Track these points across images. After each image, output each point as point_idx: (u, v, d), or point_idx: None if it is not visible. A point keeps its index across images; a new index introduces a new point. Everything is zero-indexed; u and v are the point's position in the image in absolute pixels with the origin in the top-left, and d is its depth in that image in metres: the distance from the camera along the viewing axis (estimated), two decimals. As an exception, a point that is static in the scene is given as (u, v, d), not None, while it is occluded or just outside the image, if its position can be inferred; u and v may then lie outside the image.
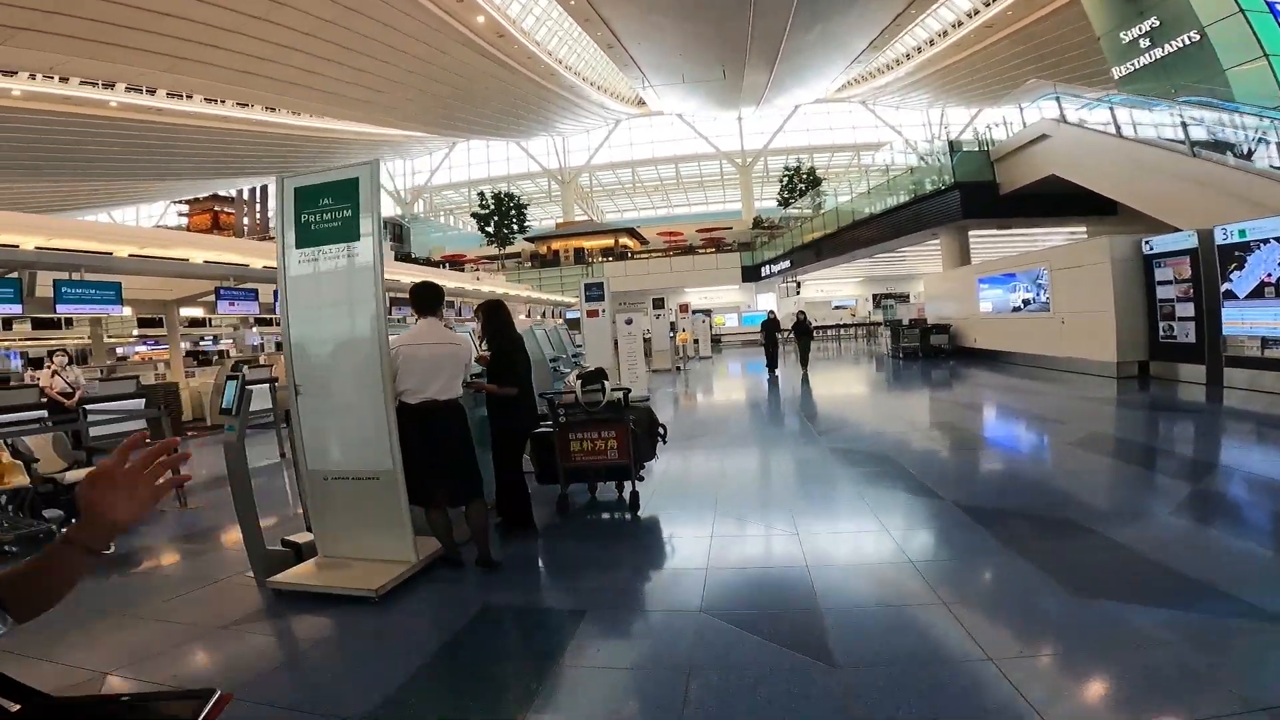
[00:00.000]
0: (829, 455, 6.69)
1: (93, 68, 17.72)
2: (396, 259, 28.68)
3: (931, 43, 34.38)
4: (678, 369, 18.29)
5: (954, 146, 19.10)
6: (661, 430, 5.34)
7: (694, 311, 30.07)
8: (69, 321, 13.89)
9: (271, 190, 51.48)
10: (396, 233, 55.24)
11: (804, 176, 41.69)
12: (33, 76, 21.92)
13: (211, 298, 11.65)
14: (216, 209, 50.89)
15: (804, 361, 16.18)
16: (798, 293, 30.80)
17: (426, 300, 4.07)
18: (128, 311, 10.64)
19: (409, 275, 17.87)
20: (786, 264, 31.09)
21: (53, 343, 24.60)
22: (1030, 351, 14.20)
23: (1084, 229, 19.50)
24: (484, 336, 4.58)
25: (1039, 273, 13.61)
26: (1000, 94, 20.87)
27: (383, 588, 3.56)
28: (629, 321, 11.79)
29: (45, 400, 8.12)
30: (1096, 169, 13.77)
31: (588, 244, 41.90)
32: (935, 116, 45.57)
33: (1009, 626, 2.85)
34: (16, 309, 8.44)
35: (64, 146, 26.69)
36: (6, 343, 25.39)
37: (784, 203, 40.93)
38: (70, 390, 8.53)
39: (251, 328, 26.39)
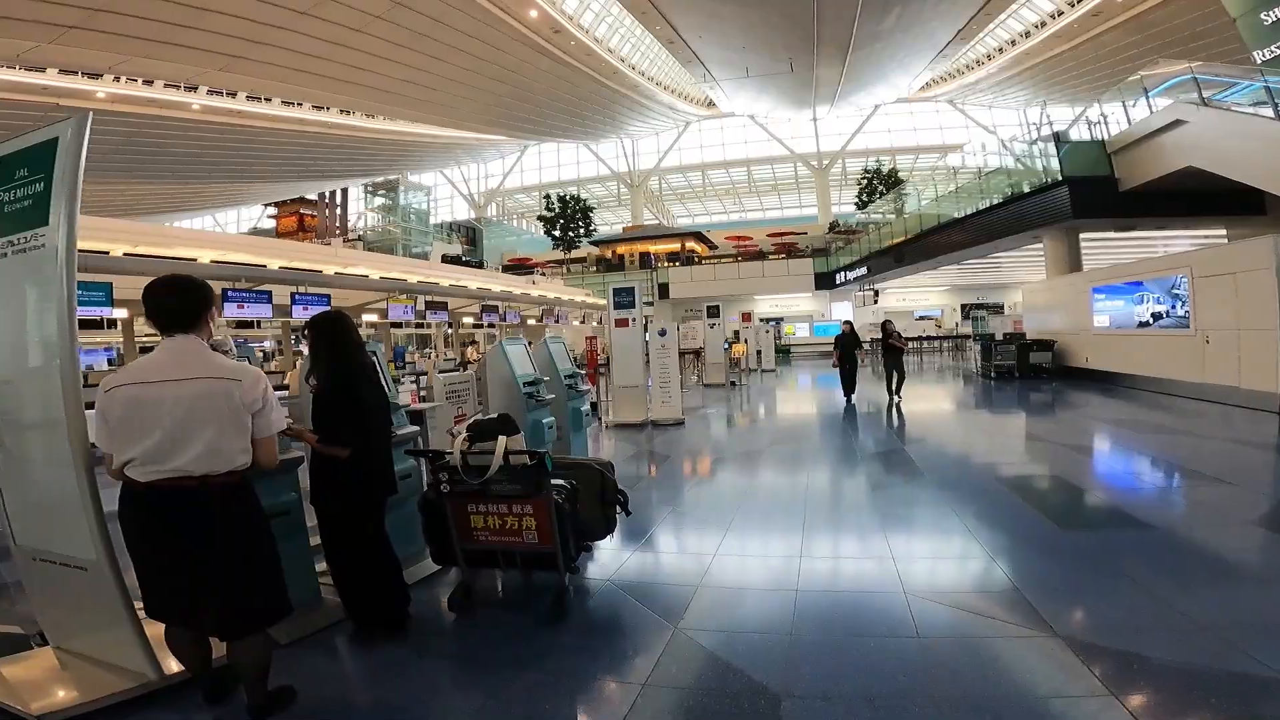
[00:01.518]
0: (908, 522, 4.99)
1: (147, 66, 17.89)
2: (458, 261, 28.25)
3: (1028, 34, 31.27)
4: (733, 384, 16.64)
5: (1060, 138, 16.68)
6: (621, 498, 3.77)
7: (762, 320, 28.30)
8: (111, 322, 13.75)
9: (352, 194, 53.22)
10: (469, 235, 55.90)
11: (884, 178, 39.01)
12: (116, 79, 22.65)
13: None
14: (302, 211, 52.69)
15: (893, 387, 12.02)
16: (875, 301, 28.41)
17: (173, 306, 2.41)
18: (123, 314, 10.07)
19: (449, 278, 17.07)
20: (864, 270, 28.80)
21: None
22: (1160, 375, 11.79)
23: (1223, 231, 16.62)
24: (311, 367, 3.14)
25: (1175, 281, 11.23)
26: (1110, 89, 18.34)
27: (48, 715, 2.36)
28: (662, 333, 10.32)
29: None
30: (1252, 159, 11.25)
31: (653, 248, 40.61)
32: (1034, 116, 41.67)
33: None
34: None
35: (152, 148, 27.66)
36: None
37: (862, 206, 38.45)
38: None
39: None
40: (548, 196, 42.91)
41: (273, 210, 53.37)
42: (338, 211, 51.78)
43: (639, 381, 9.97)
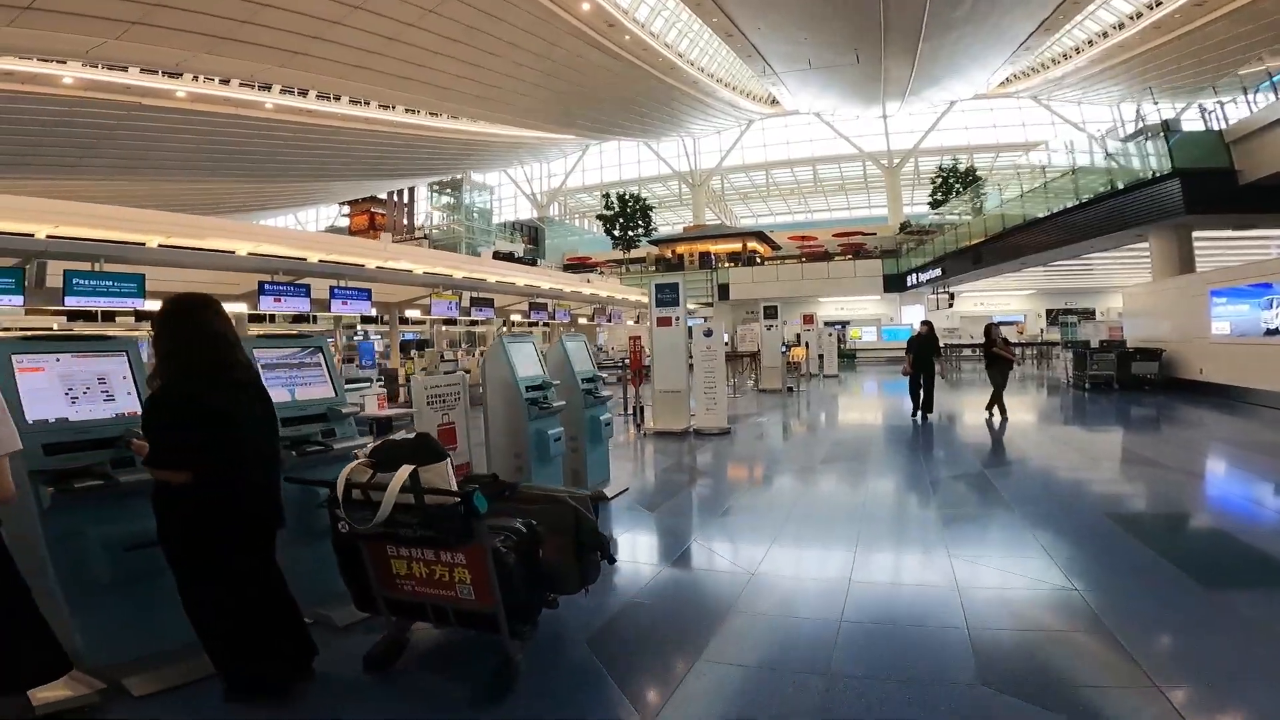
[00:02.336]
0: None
1: (210, 63, 18.21)
2: (509, 258, 28.01)
3: (1121, 26, 28.64)
4: (790, 390, 15.52)
5: (1170, 127, 14.87)
6: (603, 542, 2.88)
7: (825, 323, 26.87)
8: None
9: (420, 193, 54.38)
10: (531, 234, 56.26)
11: (961, 176, 36.69)
12: (195, 78, 23.40)
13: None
14: (372, 210, 54.24)
15: (997, 403, 9.91)
16: (950, 305, 26.54)
17: None
18: (154, 305, 9.95)
19: (496, 274, 16.62)
20: (937, 272, 26.96)
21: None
22: (1294, 392, 10.09)
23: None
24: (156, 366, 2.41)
25: (1319, 282, 9.54)
26: (1221, 78, 16.23)
27: None
28: (708, 334, 9.39)
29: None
30: None
31: (714, 248, 39.55)
32: (1129, 112, 38.20)
33: None
34: (17, 300, 7.73)
35: (230, 147, 28.63)
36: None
37: (936, 205, 36.30)
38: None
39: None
40: (606, 195, 42.47)
41: (346, 209, 55.19)
42: (405, 210, 53.09)
43: (680, 386, 9.11)
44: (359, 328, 28.29)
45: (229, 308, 10.35)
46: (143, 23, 14.67)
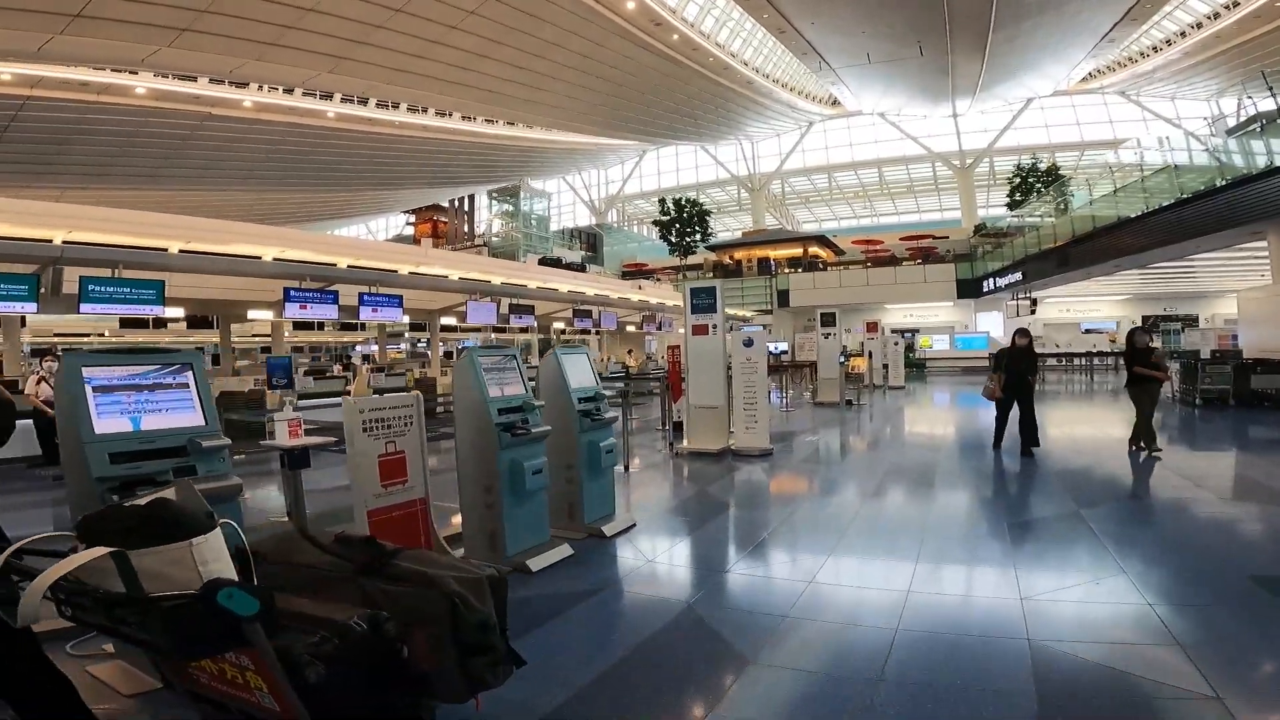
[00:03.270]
0: None
1: (260, 69, 18.51)
2: (556, 264, 27.65)
3: (1217, 15, 25.93)
4: (849, 404, 14.25)
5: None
6: (495, 648, 1.98)
7: (893, 331, 25.25)
8: (207, 321, 13.96)
9: (480, 201, 55.17)
10: (590, 241, 56.19)
11: (1042, 175, 34.14)
12: (261, 87, 24.06)
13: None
14: (435, 218, 55.36)
15: (1144, 434, 7.67)
16: (1033, 311, 24.43)
17: None
18: (179, 312, 9.77)
19: (537, 280, 16.03)
20: (1017, 276, 24.89)
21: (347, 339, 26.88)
22: None
23: None
24: None
25: None
26: None
27: None
28: (748, 344, 8.38)
29: (32, 410, 7.15)
30: None
31: (773, 253, 38.22)
32: (1227, 106, 34.62)
33: None
34: (31, 308, 7.55)
35: (296, 156, 29.47)
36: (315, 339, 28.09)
37: (1014, 205, 33.91)
38: (62, 395, 7.49)
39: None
40: (662, 200, 41.73)
41: (411, 218, 56.56)
42: (466, 217, 53.94)
43: (718, 402, 8.17)
44: (407, 335, 28.76)
45: (256, 314, 10.04)
46: (192, 29, 14.91)
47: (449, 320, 13.83)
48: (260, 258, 9.94)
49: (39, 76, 18.83)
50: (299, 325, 22.96)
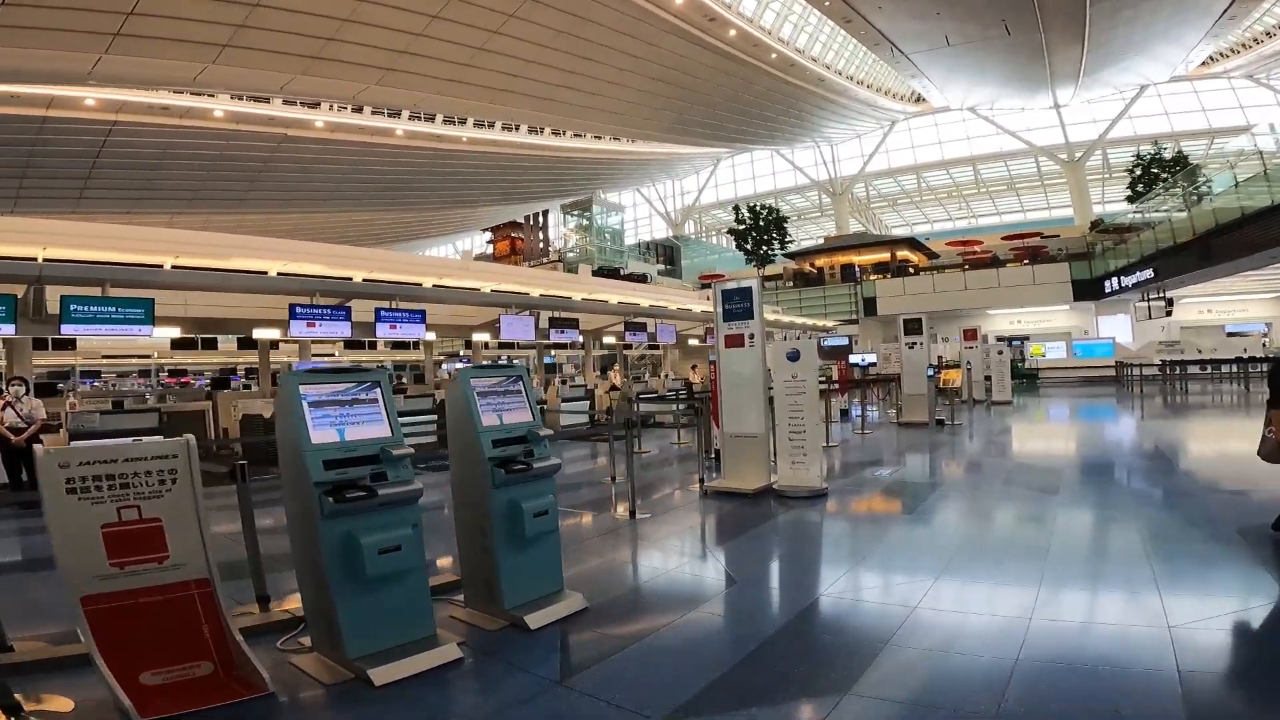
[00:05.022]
0: None
1: (303, 84, 18.42)
2: (629, 278, 26.54)
3: None
4: (940, 424, 12.09)
5: None
6: None
7: (998, 339, 22.38)
8: (250, 342, 13.74)
9: (554, 218, 55.35)
10: (667, 253, 55.14)
11: (1168, 165, 30.00)
12: (331, 107, 24.45)
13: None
14: (512, 235, 56.00)
15: None
16: (1168, 314, 20.93)
17: None
18: (175, 332, 9.18)
19: (581, 291, 14.81)
20: (1148, 273, 21.46)
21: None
22: None
23: None
24: None
25: None
26: None
27: None
28: (793, 357, 6.65)
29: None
30: None
31: (857, 259, 35.61)
32: None
33: None
34: (9, 329, 7.04)
35: (373, 176, 30.03)
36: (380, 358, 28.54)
37: (1135, 197, 29.96)
38: (22, 425, 6.95)
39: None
40: (737, 208, 39.98)
41: (489, 235, 57.51)
42: (540, 234, 54.21)
43: (757, 429, 6.55)
44: (462, 354, 28.30)
45: (263, 334, 9.29)
46: (233, 45, 14.90)
47: (481, 336, 12.87)
48: (266, 273, 9.25)
49: (122, 101, 19.49)
50: (351, 345, 22.97)
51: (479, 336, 12.83)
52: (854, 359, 27.63)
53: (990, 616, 3.50)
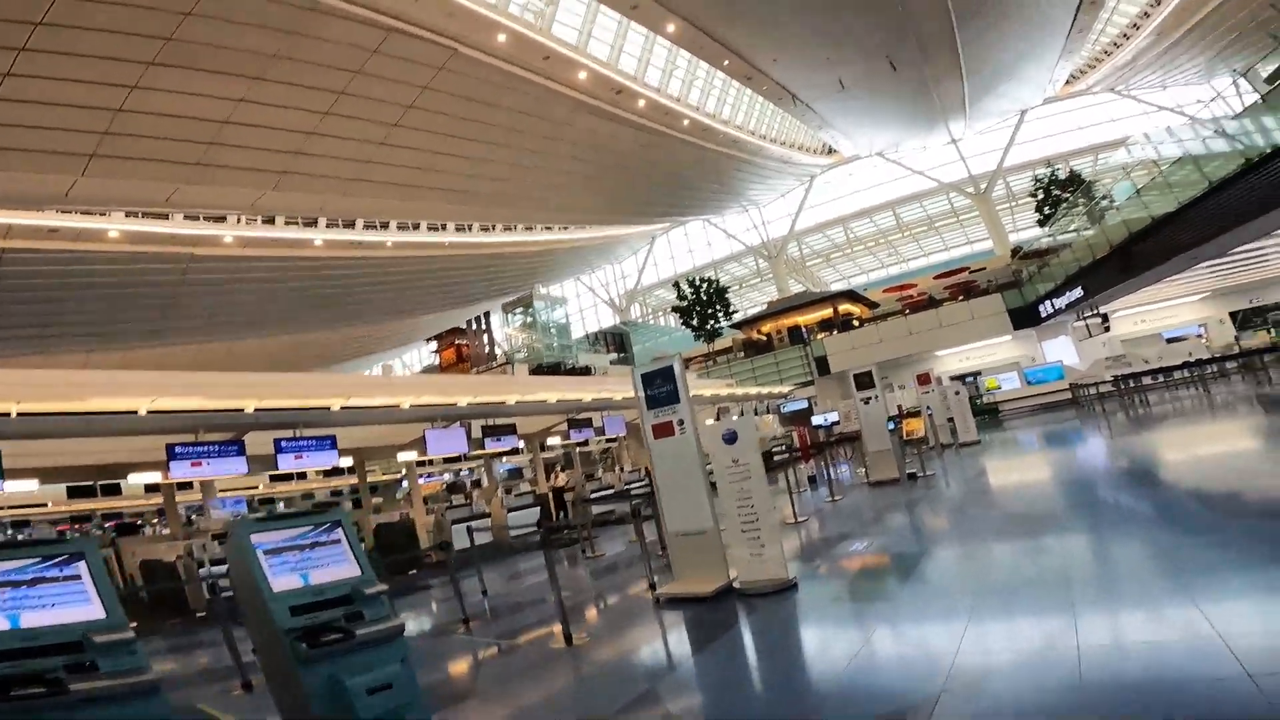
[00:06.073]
0: None
1: (191, 194, 17.17)
2: (570, 372, 25.77)
3: None
4: (913, 477, 11.32)
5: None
6: None
7: (952, 379, 22.14)
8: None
9: (497, 319, 54.71)
10: (617, 341, 54.62)
11: (1064, 184, 31.75)
12: (239, 219, 22.39)
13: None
14: (457, 342, 54.69)
15: None
16: (1106, 329, 21.10)
17: None
18: (32, 485, 7.97)
19: (515, 394, 13.93)
20: (1077, 292, 21.81)
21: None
22: None
23: None
24: None
25: None
26: None
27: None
28: (730, 439, 5.77)
29: None
30: None
31: (802, 319, 35.88)
32: (1224, 86, 32.08)
33: None
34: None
35: (296, 292, 27.92)
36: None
37: (1045, 220, 31.34)
38: None
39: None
40: (677, 285, 40.14)
41: (434, 345, 56.15)
42: (484, 337, 53.25)
43: (704, 524, 5.62)
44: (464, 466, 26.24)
45: (140, 478, 7.85)
46: (101, 154, 13.90)
47: (407, 455, 11.74)
48: (135, 412, 8.10)
49: (7, 225, 17.24)
50: (277, 477, 21.09)
51: (405, 455, 11.69)
52: (816, 420, 27.05)
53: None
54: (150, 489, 13.58)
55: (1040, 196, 33.49)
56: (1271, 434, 9.53)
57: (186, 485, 12.47)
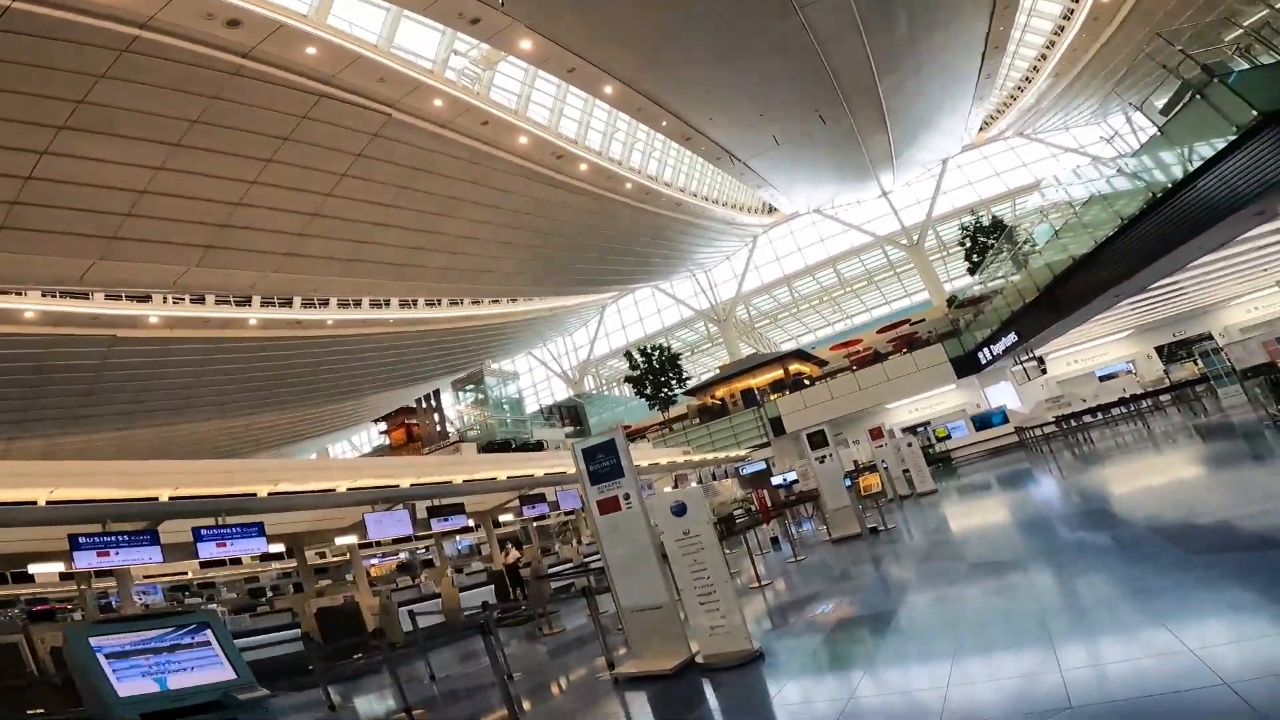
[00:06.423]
0: None
1: (104, 271, 16.09)
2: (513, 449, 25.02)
3: (1060, 29, 26.25)
4: (874, 531, 11.11)
5: (1213, 71, 11.30)
6: None
7: (903, 431, 22.41)
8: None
9: (448, 398, 53.48)
10: (572, 414, 53.84)
11: (989, 231, 33.62)
12: (164, 299, 21.27)
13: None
14: (407, 421, 53.08)
15: None
16: (1043, 371, 21.83)
17: None
18: None
19: (465, 473, 13.34)
20: (1012, 337, 22.59)
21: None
22: None
23: None
24: None
25: None
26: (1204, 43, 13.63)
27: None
28: (678, 511, 5.44)
29: None
30: None
31: (754, 381, 36.22)
32: (1119, 124, 35.22)
33: None
34: None
35: (232, 375, 26.53)
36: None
37: (974, 268, 32.85)
38: None
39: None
40: (629, 354, 40.19)
41: (383, 425, 54.37)
42: (435, 415, 51.83)
43: (660, 599, 5.22)
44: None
45: (40, 569, 6.90)
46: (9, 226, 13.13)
47: (346, 539, 10.96)
48: (35, 502, 7.33)
49: None
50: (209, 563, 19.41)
51: (345, 540, 10.88)
52: (775, 480, 26.88)
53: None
54: (65, 576, 12.30)
55: (968, 245, 35.00)
56: (1212, 461, 9.74)
57: (106, 573, 11.33)
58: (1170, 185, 12.27)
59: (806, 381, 34.40)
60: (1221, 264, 18.31)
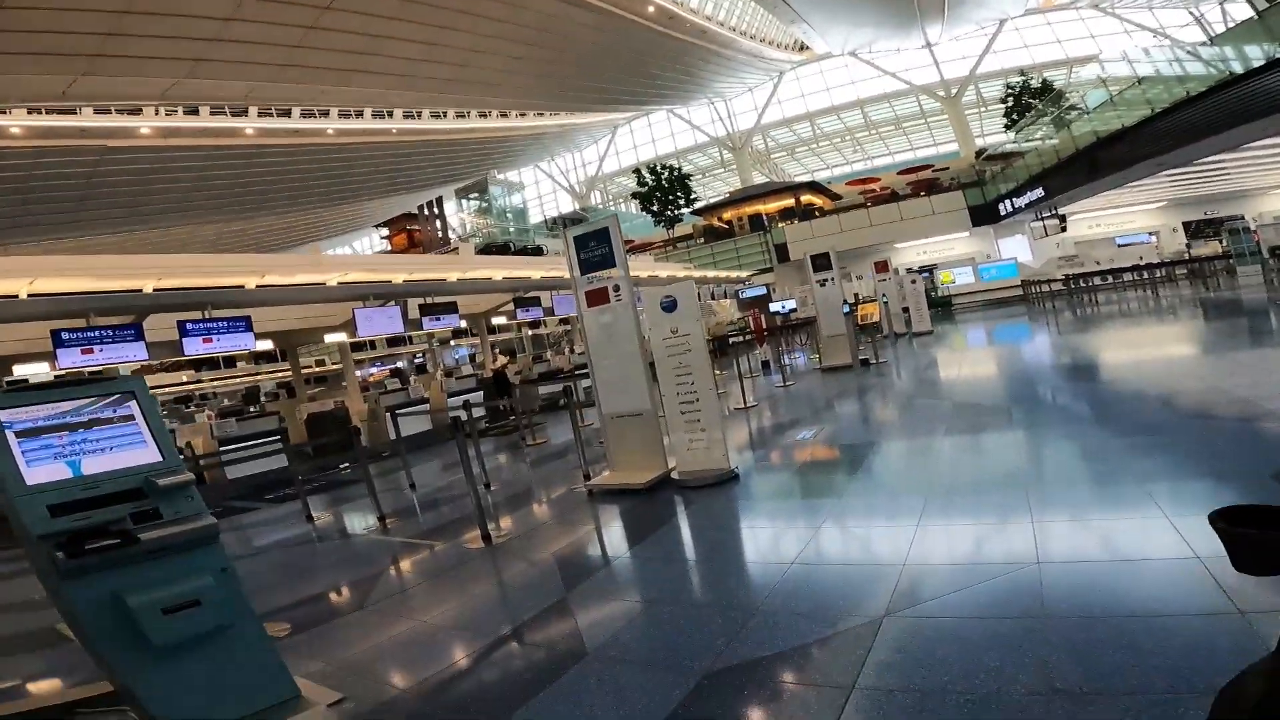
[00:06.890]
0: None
1: (89, 85, 15.37)
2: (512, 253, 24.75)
3: None
4: (865, 364, 11.22)
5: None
6: None
7: (907, 271, 22.06)
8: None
9: (449, 205, 52.04)
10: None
11: (1036, 93, 30.96)
12: (157, 111, 21.08)
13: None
14: (409, 227, 52.34)
15: None
16: (1063, 229, 21.02)
17: None
18: None
19: (459, 271, 13.08)
20: (1038, 193, 21.51)
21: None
22: None
23: None
24: None
25: None
26: None
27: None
28: (668, 306, 5.27)
29: None
30: None
31: (764, 208, 35.08)
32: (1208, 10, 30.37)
33: None
34: None
35: (227, 181, 26.46)
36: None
37: (1012, 125, 30.65)
38: None
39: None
40: (638, 171, 38.46)
41: (384, 231, 53.73)
42: (437, 222, 50.80)
43: (641, 406, 5.23)
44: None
45: (26, 369, 7.14)
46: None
47: (336, 337, 11.02)
48: (16, 295, 7.15)
49: None
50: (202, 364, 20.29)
51: (334, 337, 10.94)
52: (774, 306, 27.04)
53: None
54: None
55: (1010, 103, 32.63)
56: (1207, 338, 9.62)
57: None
58: (1255, 67, 11.09)
59: (817, 213, 33.39)
60: (1275, 149, 16.97)
